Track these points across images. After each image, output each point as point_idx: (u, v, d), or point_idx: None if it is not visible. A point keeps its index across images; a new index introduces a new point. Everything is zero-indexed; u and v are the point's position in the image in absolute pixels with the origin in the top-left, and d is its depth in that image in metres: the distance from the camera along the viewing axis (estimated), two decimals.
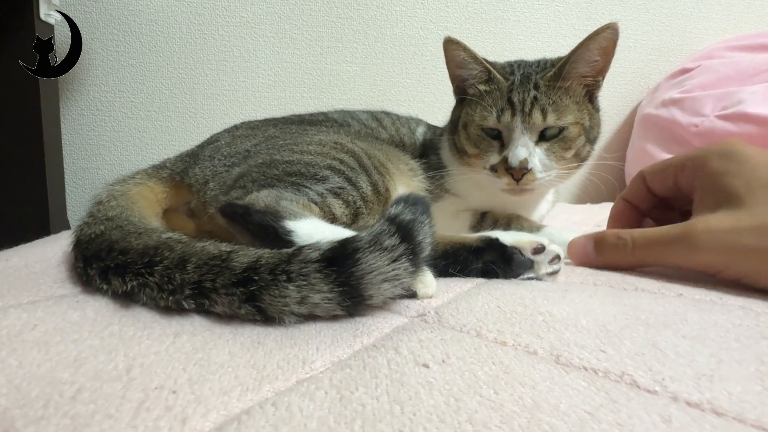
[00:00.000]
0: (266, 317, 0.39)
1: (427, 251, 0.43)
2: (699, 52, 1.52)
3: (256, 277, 0.39)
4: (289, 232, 0.47)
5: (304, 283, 0.38)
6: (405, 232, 0.41)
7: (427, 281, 0.47)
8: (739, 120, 1.19)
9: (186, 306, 0.40)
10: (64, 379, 0.29)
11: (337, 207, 0.57)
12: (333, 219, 0.56)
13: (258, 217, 0.49)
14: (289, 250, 0.41)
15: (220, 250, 0.43)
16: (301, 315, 0.39)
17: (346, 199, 0.58)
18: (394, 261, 0.40)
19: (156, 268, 0.42)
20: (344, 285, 0.38)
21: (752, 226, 0.47)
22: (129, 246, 0.46)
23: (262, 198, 0.52)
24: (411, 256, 0.41)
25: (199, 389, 0.28)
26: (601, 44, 0.66)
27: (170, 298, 0.41)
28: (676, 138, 1.31)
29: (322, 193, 0.56)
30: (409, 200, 0.45)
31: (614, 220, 0.66)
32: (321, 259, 0.39)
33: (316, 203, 0.55)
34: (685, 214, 0.58)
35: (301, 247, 0.41)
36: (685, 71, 1.44)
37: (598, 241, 0.58)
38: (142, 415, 0.25)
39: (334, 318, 0.40)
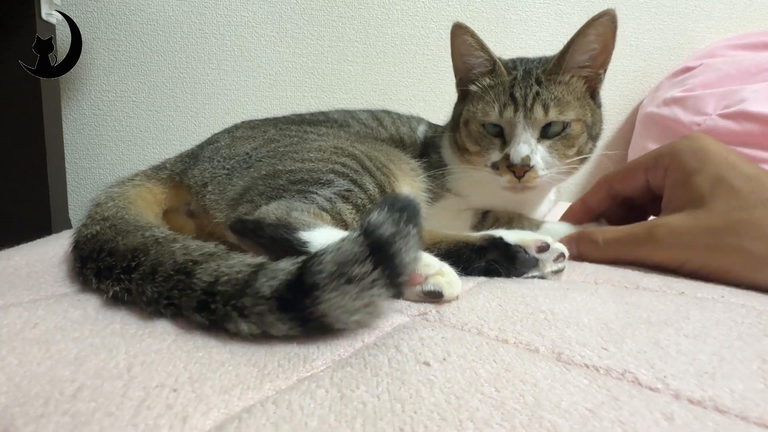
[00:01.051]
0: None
1: (409, 270, 0.37)
2: (701, 51, 1.52)
3: (213, 305, 0.36)
4: (304, 243, 0.46)
5: (260, 320, 0.34)
6: (382, 253, 0.35)
7: (453, 281, 0.45)
8: (742, 119, 1.19)
9: (167, 315, 0.39)
10: (64, 378, 0.29)
11: (347, 213, 0.56)
12: (345, 226, 0.55)
13: (270, 231, 0.48)
14: (247, 274, 0.36)
15: (185, 258, 0.40)
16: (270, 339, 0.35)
17: (355, 202, 0.58)
18: (365, 290, 0.34)
19: (133, 275, 0.41)
20: (305, 323, 0.34)
21: (709, 227, 0.51)
22: (116, 247, 0.45)
23: (272, 210, 0.51)
24: (388, 280, 0.35)
25: (200, 387, 0.28)
26: (599, 31, 0.65)
27: (149, 308, 0.39)
28: (678, 137, 1.31)
29: (330, 198, 0.56)
30: (396, 205, 0.38)
31: (567, 218, 0.73)
32: (274, 297, 0.34)
33: (326, 210, 0.55)
34: (640, 210, 0.65)
35: (258, 271, 0.36)
36: (687, 70, 1.44)
37: (576, 238, 0.63)
38: (143, 413, 0.25)
39: None
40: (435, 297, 0.44)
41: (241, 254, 0.41)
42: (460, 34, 0.71)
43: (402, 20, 1.53)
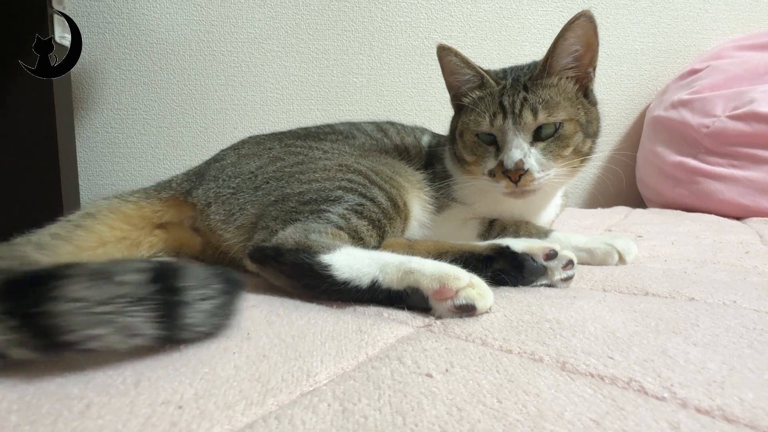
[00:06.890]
0: None
1: (198, 318, 0.34)
2: (707, 53, 1.51)
3: None
4: (326, 267, 0.46)
5: None
6: (166, 276, 0.32)
7: (485, 293, 0.44)
8: (751, 119, 1.17)
9: None
10: (73, 395, 0.29)
11: (364, 229, 0.57)
12: (362, 244, 0.55)
13: (291, 257, 0.48)
14: None
15: None
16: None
17: (369, 216, 0.58)
18: (127, 301, 0.31)
19: None
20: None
21: None
22: None
23: (289, 235, 0.51)
24: (163, 304, 0.32)
25: (205, 404, 0.28)
26: (578, 33, 0.66)
27: None
28: (687, 139, 1.30)
29: (343, 215, 0.56)
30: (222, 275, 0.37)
31: None
32: None
33: (342, 228, 0.55)
34: None
35: None
36: (693, 72, 1.43)
37: None
38: (148, 430, 0.26)
39: (338, 329, 0.40)
40: (468, 311, 0.43)
41: None
42: (444, 55, 0.72)
43: (406, 32, 1.55)
